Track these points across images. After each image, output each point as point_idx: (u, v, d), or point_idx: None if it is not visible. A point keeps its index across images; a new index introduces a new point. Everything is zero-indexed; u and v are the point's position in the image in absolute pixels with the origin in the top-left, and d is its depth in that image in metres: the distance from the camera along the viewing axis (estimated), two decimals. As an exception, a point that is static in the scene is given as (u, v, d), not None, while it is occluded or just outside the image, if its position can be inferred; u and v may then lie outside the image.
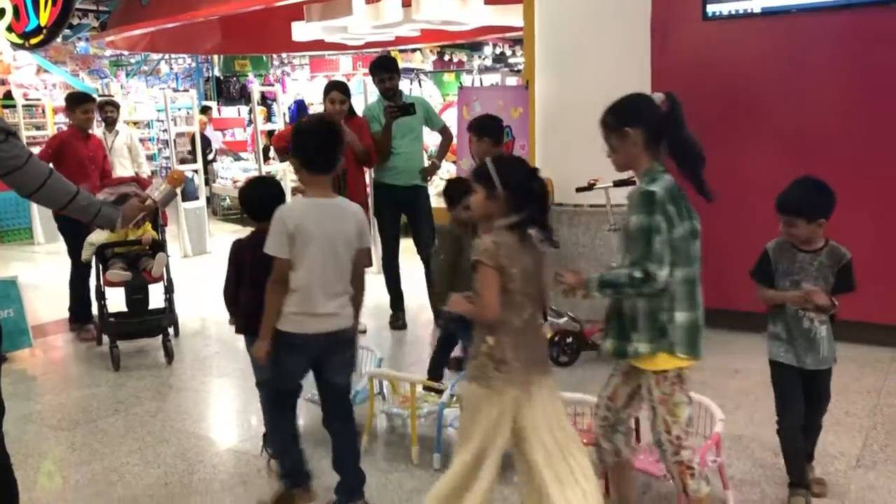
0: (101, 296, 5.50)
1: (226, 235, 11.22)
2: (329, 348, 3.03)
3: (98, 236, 5.58)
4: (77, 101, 6.14)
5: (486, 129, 4.60)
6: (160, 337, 5.44)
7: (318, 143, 2.99)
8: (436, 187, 10.06)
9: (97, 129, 7.89)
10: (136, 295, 5.53)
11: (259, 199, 3.36)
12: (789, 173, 5.20)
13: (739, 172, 5.40)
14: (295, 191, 9.76)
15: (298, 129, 3.14)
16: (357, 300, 3.09)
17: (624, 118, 2.63)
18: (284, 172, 10.18)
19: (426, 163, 6.10)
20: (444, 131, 6.13)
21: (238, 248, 3.38)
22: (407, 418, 3.72)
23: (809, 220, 3.01)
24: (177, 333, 5.83)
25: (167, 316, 5.57)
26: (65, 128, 8.08)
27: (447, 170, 10.06)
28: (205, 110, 15.71)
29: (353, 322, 3.08)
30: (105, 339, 5.53)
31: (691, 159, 2.66)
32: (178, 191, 3.62)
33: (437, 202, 7.00)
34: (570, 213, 5.69)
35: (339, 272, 2.98)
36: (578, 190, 5.21)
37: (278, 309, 2.94)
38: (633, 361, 2.63)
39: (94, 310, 5.82)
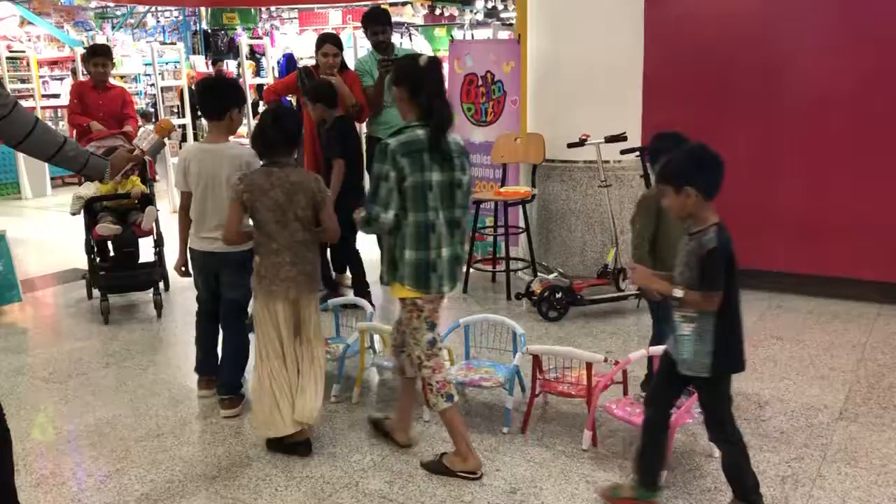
0: (90, 249, 5.50)
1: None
2: (217, 266, 3.70)
3: (87, 190, 5.55)
4: (90, 54, 6.30)
5: (320, 95, 4.99)
6: (150, 291, 5.45)
7: (207, 94, 3.68)
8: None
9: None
10: (127, 248, 5.56)
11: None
12: (780, 131, 5.25)
13: (728, 129, 5.39)
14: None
15: (198, 82, 3.81)
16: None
17: (394, 77, 3.04)
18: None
19: None
20: None
21: None
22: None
23: (677, 190, 2.53)
24: (167, 288, 5.85)
25: (157, 269, 5.57)
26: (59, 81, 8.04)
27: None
28: (216, 62, 15.54)
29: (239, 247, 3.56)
30: (95, 292, 5.53)
31: (433, 120, 2.92)
32: (167, 140, 3.67)
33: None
34: (560, 168, 5.67)
35: (219, 205, 3.54)
36: (570, 145, 5.20)
37: (185, 232, 3.75)
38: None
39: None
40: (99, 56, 6.21)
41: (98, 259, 5.61)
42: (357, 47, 8.52)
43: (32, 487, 3.10)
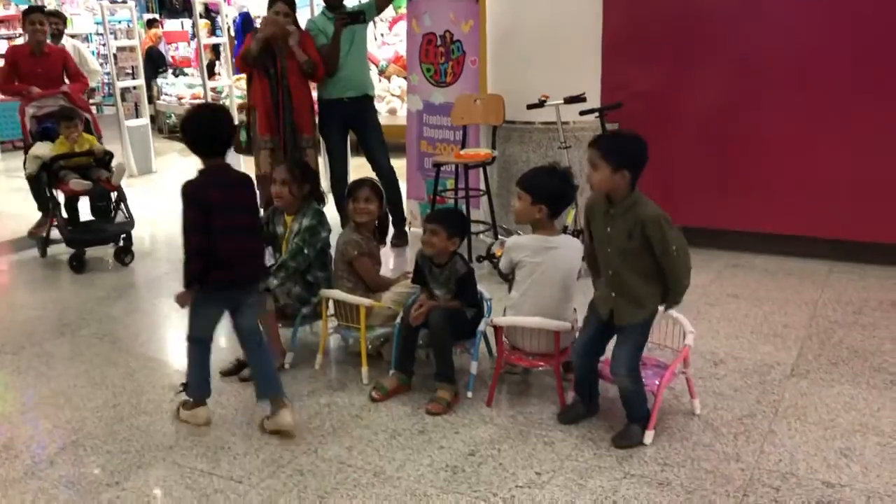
0: (56, 207, 5.67)
1: (173, 154, 10.94)
2: None
3: (42, 150, 5.63)
4: (24, 14, 6.17)
5: None
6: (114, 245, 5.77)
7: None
8: (387, 103, 9.89)
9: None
10: (100, 202, 5.81)
11: (210, 133, 3.06)
12: (745, 95, 5.27)
13: (687, 87, 5.41)
14: (241, 107, 9.53)
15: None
16: None
17: None
18: (230, 88, 9.90)
19: (375, 77, 5.96)
20: None
21: (200, 188, 2.98)
22: (358, 338, 3.72)
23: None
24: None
25: (129, 221, 5.78)
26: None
27: (398, 85, 9.87)
28: (152, 24, 15.05)
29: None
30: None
31: None
32: None
33: (386, 119, 6.88)
34: (520, 130, 5.64)
35: None
36: (529, 107, 5.16)
37: None
38: None
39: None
40: (35, 13, 6.05)
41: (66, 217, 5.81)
42: (314, 6, 8.34)
43: (-15, 461, 3.05)
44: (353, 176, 5.88)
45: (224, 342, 4.02)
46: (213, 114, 3.15)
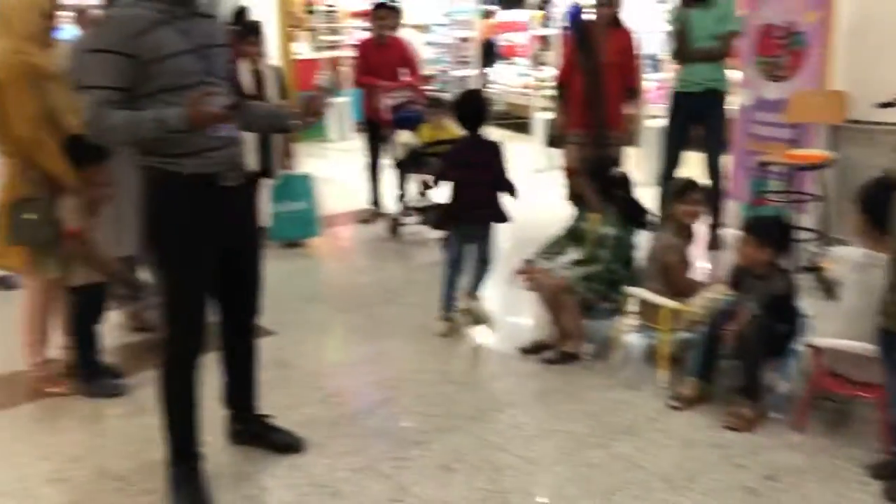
0: (425, 191, 6.13)
1: (501, 140, 11.45)
2: None
3: (410, 137, 6.06)
4: (374, 8, 6.63)
5: None
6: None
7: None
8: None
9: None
10: None
11: (461, 111, 4.15)
12: None
13: None
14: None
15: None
16: None
17: None
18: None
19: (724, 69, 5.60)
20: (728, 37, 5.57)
21: (450, 150, 4.38)
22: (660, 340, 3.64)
23: None
24: None
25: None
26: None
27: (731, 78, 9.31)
28: (488, 14, 15.86)
29: None
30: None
31: None
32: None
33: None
34: (867, 131, 5.07)
35: None
36: (879, 106, 4.62)
37: None
38: None
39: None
40: (381, 9, 6.50)
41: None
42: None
43: (319, 402, 3.50)
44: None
45: (531, 322, 4.16)
46: (466, 97, 4.28)
